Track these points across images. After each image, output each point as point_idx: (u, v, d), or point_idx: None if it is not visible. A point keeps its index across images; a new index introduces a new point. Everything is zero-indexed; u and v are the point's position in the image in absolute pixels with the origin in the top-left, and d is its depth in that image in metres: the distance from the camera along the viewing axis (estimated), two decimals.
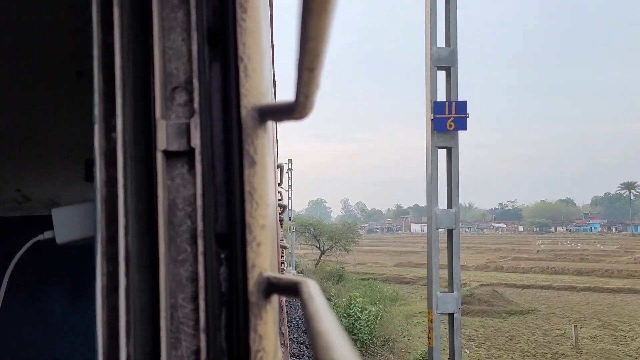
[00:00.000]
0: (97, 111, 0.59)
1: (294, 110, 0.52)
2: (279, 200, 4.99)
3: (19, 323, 2.40)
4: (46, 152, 2.45)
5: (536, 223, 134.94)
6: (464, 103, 7.96)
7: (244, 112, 0.56)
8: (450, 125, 7.91)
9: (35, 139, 2.42)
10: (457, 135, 8.06)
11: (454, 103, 7.91)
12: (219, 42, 0.57)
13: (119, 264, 0.57)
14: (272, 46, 2.59)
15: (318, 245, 50.15)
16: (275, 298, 0.59)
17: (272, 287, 0.56)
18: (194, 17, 0.57)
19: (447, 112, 7.90)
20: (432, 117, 7.96)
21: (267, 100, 0.61)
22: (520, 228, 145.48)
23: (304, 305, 0.47)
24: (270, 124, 0.62)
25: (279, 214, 4.99)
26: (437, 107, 7.94)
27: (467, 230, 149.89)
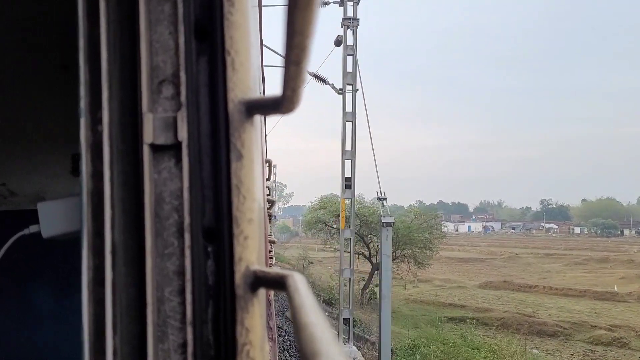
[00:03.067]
0: (83, 104, 0.59)
1: (281, 104, 0.52)
2: (267, 195, 4.99)
3: (5, 317, 2.38)
4: (32, 146, 2.43)
5: (600, 224, 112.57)
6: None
7: (231, 105, 0.56)
8: None
9: (21, 133, 2.40)
10: None
11: None
12: (206, 35, 0.57)
13: (106, 258, 0.57)
14: (261, 41, 2.59)
15: (369, 254, 28.82)
16: (262, 292, 0.60)
17: (259, 280, 0.56)
18: (181, 10, 0.57)
19: None
20: None
21: (255, 94, 0.61)
22: (577, 229, 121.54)
23: (290, 299, 0.48)
24: (258, 118, 0.62)
25: (268, 209, 4.99)
26: None
27: (512, 230, 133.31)
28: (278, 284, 0.54)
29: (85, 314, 0.58)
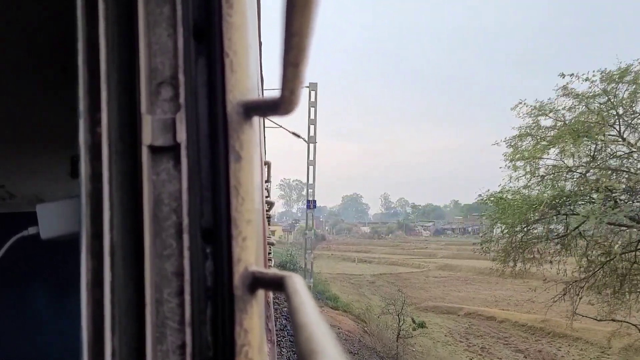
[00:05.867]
0: (82, 105, 0.59)
1: (279, 106, 0.53)
2: (267, 197, 4.99)
3: (4, 318, 2.37)
4: (31, 148, 2.43)
5: None
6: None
7: (229, 107, 0.56)
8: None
9: (20, 135, 2.40)
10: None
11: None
12: (204, 37, 0.57)
13: (104, 259, 0.57)
14: (260, 43, 2.59)
15: None
16: (260, 293, 0.60)
17: (258, 281, 0.56)
18: (179, 12, 0.57)
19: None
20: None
21: (253, 95, 0.61)
22: None
23: (288, 299, 0.48)
24: (257, 119, 0.62)
25: (266, 210, 4.99)
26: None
27: None
28: (277, 285, 0.54)
29: (84, 315, 0.58)
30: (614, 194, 10.45)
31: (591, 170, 10.86)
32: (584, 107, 11.04)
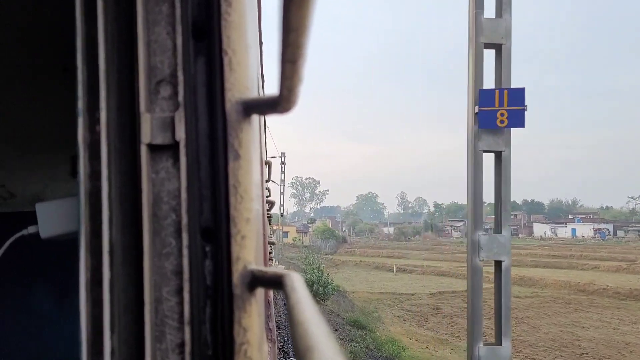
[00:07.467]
0: (81, 104, 0.59)
1: (278, 104, 0.53)
2: (267, 196, 5.00)
3: (4, 317, 2.38)
4: (31, 148, 2.43)
5: None
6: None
7: (228, 105, 0.56)
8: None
9: (20, 135, 2.40)
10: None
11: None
12: (203, 35, 0.57)
13: (103, 258, 0.57)
14: (260, 43, 2.59)
15: None
16: (260, 291, 0.60)
17: (257, 280, 0.56)
18: (178, 11, 0.57)
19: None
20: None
21: (253, 94, 0.61)
22: None
23: (287, 297, 0.48)
24: (256, 118, 0.62)
25: (267, 210, 4.99)
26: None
27: None
28: (275, 283, 0.54)
29: (83, 314, 0.58)
30: None
31: None
32: None
